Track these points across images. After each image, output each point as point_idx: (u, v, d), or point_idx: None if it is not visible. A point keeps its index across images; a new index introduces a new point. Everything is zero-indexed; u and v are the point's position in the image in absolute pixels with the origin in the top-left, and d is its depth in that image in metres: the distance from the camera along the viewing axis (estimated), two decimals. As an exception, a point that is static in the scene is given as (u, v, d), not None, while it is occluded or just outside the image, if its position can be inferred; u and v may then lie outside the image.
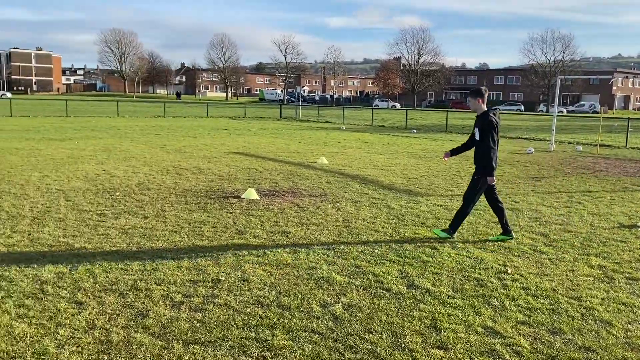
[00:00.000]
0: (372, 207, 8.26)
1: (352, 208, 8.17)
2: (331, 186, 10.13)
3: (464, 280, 5.03)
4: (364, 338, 3.78)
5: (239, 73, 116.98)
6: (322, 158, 14.13)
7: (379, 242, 6.29)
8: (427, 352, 3.60)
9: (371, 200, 8.81)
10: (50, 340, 3.59)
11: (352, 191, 9.64)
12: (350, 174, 11.84)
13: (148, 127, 25.54)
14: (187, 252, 5.66)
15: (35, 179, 9.77)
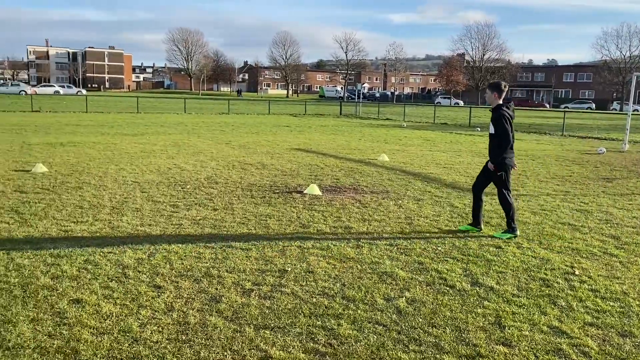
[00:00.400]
0: (434, 205, 8.25)
1: (414, 206, 8.19)
2: (393, 183, 10.18)
3: (529, 280, 4.98)
4: (428, 331, 3.86)
5: (299, 70, 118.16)
6: (383, 155, 14.17)
7: (442, 240, 6.30)
8: (491, 347, 3.63)
9: (434, 199, 8.79)
10: (134, 320, 3.90)
11: (414, 189, 9.65)
12: (412, 171, 11.82)
13: (213, 123, 26.38)
14: (254, 243, 5.91)
15: (112, 172, 10.40)
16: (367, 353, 3.52)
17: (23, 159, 11.81)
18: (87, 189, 8.59)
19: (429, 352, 3.56)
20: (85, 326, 3.76)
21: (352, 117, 38.09)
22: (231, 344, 3.59)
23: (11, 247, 5.44)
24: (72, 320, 3.84)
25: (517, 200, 8.85)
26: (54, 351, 3.40)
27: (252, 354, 3.46)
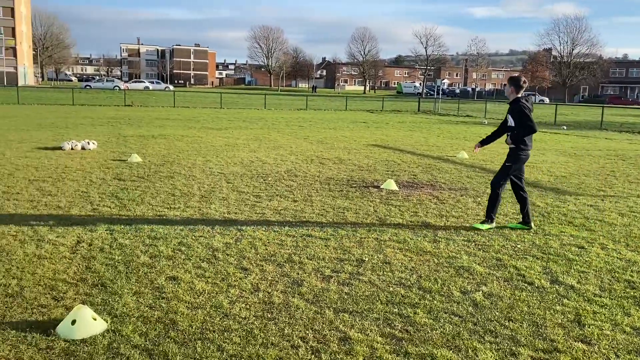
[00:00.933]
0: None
1: (493, 203, 8.08)
2: (472, 181, 10.07)
3: (613, 281, 4.85)
4: (504, 325, 3.90)
5: (377, 66, 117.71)
6: (463, 152, 13.98)
7: (521, 238, 6.23)
8: (570, 344, 3.62)
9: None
10: (224, 297, 4.23)
11: (493, 187, 9.49)
12: (493, 169, 11.60)
13: (292, 119, 26.99)
14: (332, 234, 6.13)
15: (200, 163, 11.03)
16: (442, 341, 3.63)
17: (119, 149, 12.76)
18: (178, 179, 9.19)
19: (505, 344, 3.61)
20: (181, 300, 4.13)
21: (430, 114, 37.55)
22: (313, 324, 3.82)
23: (113, 229, 6.00)
24: (170, 295, 4.23)
25: (603, 200, 8.50)
26: (155, 321, 3.78)
27: (332, 335, 3.67)
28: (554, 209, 7.77)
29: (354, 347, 3.49)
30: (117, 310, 3.93)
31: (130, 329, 3.63)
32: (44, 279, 4.46)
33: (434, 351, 3.48)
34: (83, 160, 10.85)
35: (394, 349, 3.50)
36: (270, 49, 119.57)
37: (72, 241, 5.50)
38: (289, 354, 3.39)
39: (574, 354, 3.50)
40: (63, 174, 9.30)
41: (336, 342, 3.57)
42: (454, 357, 3.42)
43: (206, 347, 3.43)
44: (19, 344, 3.38)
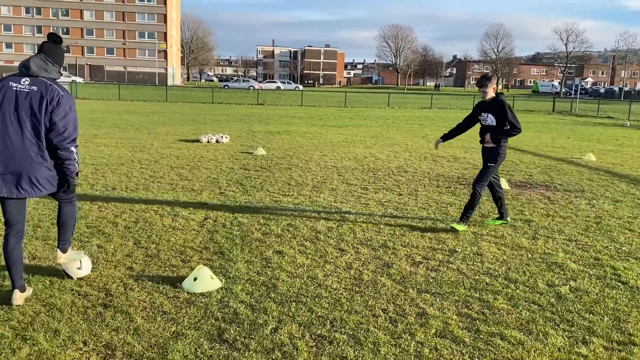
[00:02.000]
0: (634, 208, 7.73)
1: (610, 206, 7.78)
2: (592, 183, 9.65)
3: None
4: (583, 316, 3.99)
5: (512, 64, 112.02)
6: (590, 155, 13.25)
7: (628, 241, 6.03)
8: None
9: (636, 201, 8.19)
10: (320, 271, 4.78)
11: (616, 190, 9.05)
12: (620, 173, 10.95)
13: (414, 117, 27.07)
14: (431, 226, 6.42)
15: (316, 157, 11.79)
16: (515, 324, 3.84)
17: (248, 143, 13.99)
18: (295, 170, 9.99)
19: (579, 333, 3.73)
20: (283, 270, 4.76)
21: (565, 114, 35.30)
22: (395, 299, 4.23)
23: (235, 209, 6.85)
24: (274, 265, 4.88)
25: None
26: (260, 284, 4.44)
27: (411, 310, 4.04)
28: (679, 215, 7.29)
29: (429, 321, 3.84)
30: (231, 273, 4.65)
31: (239, 289, 4.32)
32: (176, 246, 5.36)
33: (504, 331, 3.71)
34: (216, 152, 12.13)
35: (466, 326, 3.79)
36: (398, 47, 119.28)
37: (201, 217, 6.42)
38: (369, 321, 3.83)
39: (650, 348, 3.52)
40: (198, 162, 10.55)
41: (413, 315, 3.94)
42: (523, 338, 3.63)
43: (299, 308, 4.00)
44: (154, 292, 4.21)
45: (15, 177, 3.73)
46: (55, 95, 3.75)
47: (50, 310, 3.84)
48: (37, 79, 3.78)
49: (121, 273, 4.58)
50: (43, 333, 3.50)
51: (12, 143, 3.70)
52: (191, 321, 3.74)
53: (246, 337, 3.54)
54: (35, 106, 3.71)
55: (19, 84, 3.75)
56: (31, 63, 3.79)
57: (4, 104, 3.71)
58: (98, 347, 3.37)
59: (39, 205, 6.62)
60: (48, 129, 3.76)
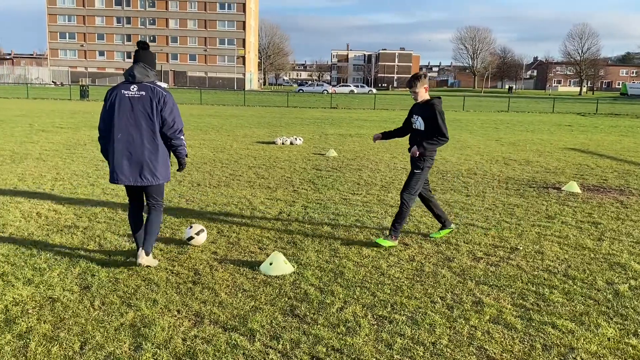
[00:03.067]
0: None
1: (687, 211, 7.58)
2: (672, 189, 9.34)
3: None
4: (639, 312, 4.11)
5: (597, 65, 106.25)
6: (675, 160, 12.69)
7: (702, 245, 5.94)
8: (703, 336, 3.72)
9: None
10: (384, 262, 5.16)
11: (697, 196, 8.73)
12: None
13: (489, 120, 26.64)
14: (495, 225, 6.61)
15: (386, 159, 12.12)
16: (568, 315, 4.04)
17: (320, 145, 14.54)
18: (365, 171, 10.39)
19: (632, 326, 3.87)
20: (350, 260, 5.19)
21: (654, 118, 33.28)
22: (453, 289, 4.53)
23: (307, 205, 7.36)
24: (342, 255, 5.32)
25: None
26: (328, 270, 4.89)
27: (468, 298, 4.34)
28: None
29: (484, 309, 4.13)
30: (302, 260, 5.14)
31: (310, 274, 4.79)
32: (254, 235, 5.92)
33: (556, 321, 3.93)
34: (290, 153, 12.76)
35: (519, 315, 4.04)
36: (475, 49, 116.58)
37: (276, 212, 6.98)
38: (427, 306, 4.17)
39: (703, 344, 3.62)
40: (274, 163, 11.20)
41: (469, 303, 4.24)
42: (574, 327, 3.83)
43: (363, 292, 4.40)
44: (235, 273, 4.77)
45: (138, 169, 4.53)
46: (161, 96, 4.49)
47: (149, 284, 4.48)
48: (142, 84, 4.51)
49: (207, 257, 5.19)
50: (144, 302, 4.12)
51: (134, 141, 4.47)
52: (267, 298, 4.25)
53: (315, 313, 4.00)
54: (147, 108, 4.46)
55: (129, 90, 4.49)
56: (135, 72, 4.50)
57: (121, 109, 4.46)
58: (189, 315, 3.94)
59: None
60: (161, 124, 4.52)
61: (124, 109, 4.45)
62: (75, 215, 6.57)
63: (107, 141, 4.59)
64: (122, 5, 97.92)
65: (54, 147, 12.68)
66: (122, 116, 4.45)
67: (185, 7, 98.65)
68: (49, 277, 4.56)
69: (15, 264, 4.85)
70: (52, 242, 5.51)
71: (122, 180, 4.54)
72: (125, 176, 4.52)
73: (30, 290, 4.28)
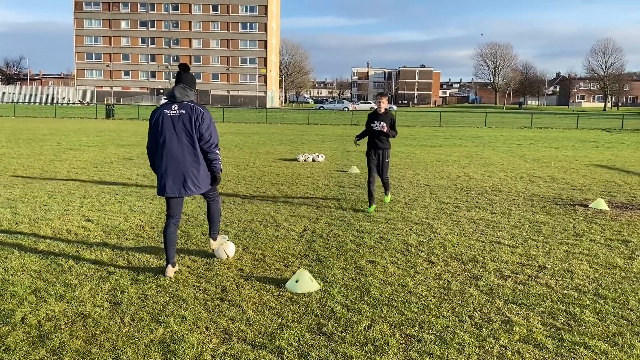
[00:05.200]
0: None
1: None
2: None
3: None
4: (674, 333, 4.01)
5: (622, 80, 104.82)
6: None
7: None
8: None
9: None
10: (410, 280, 5.13)
11: None
12: None
13: (512, 137, 26.41)
14: (522, 243, 6.53)
15: (409, 176, 12.09)
16: (601, 335, 3.96)
17: (342, 162, 14.58)
18: (388, 188, 10.37)
19: (667, 348, 3.78)
20: (375, 278, 5.17)
21: (683, 134, 32.61)
22: (481, 308, 4.48)
23: (331, 222, 7.37)
24: (367, 273, 5.30)
25: None
26: (354, 288, 4.88)
27: (497, 317, 4.28)
28: None
29: (513, 328, 4.07)
30: (328, 278, 5.14)
31: (336, 291, 4.78)
32: (279, 252, 5.95)
33: (589, 342, 3.85)
34: (313, 170, 12.82)
35: (550, 334, 3.98)
36: (497, 65, 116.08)
37: (300, 228, 7.01)
38: (455, 325, 4.13)
39: None
40: (297, 179, 11.26)
41: (498, 322, 4.19)
42: (607, 348, 3.76)
43: (390, 310, 4.38)
44: (261, 290, 4.80)
45: (181, 181, 4.96)
46: (199, 114, 4.94)
47: (177, 300, 4.53)
48: (182, 103, 4.96)
49: (233, 273, 5.23)
50: (173, 318, 4.17)
51: (177, 155, 4.92)
52: (294, 316, 4.25)
53: (342, 331, 3.99)
54: (187, 125, 4.91)
55: (170, 110, 4.95)
56: (176, 93, 4.95)
57: (164, 127, 4.93)
58: (217, 332, 3.97)
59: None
60: (198, 139, 4.95)
61: (167, 126, 4.90)
62: (104, 232, 6.69)
63: (155, 157, 5.04)
64: (147, 26, 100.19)
65: (82, 165, 12.96)
66: (165, 133, 4.89)
67: (209, 27, 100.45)
68: (80, 293, 4.64)
69: (47, 280, 4.96)
70: (82, 258, 5.61)
71: (168, 192, 4.95)
72: (171, 188, 4.95)
73: (62, 306, 4.37)
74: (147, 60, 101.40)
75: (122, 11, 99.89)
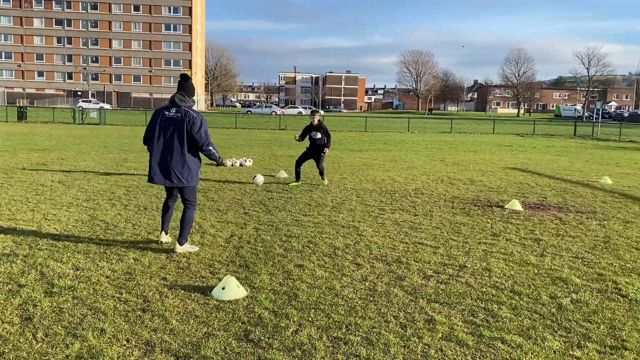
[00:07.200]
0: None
1: (619, 227, 8.03)
2: (605, 205, 9.88)
3: None
4: (581, 325, 4.30)
5: (533, 88, 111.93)
6: (606, 178, 13.44)
7: (634, 259, 6.30)
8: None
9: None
10: (337, 282, 5.18)
11: (628, 212, 9.27)
12: (634, 195, 11.14)
13: (433, 141, 27.42)
14: (443, 244, 6.78)
15: (336, 180, 12.23)
16: (517, 330, 4.17)
17: (270, 166, 14.51)
18: (315, 192, 10.44)
19: (575, 338, 4.04)
20: (303, 282, 5.17)
21: (587, 138, 35.26)
22: (406, 308, 4.59)
23: (258, 227, 7.31)
24: (295, 277, 5.29)
25: None
26: (282, 293, 4.85)
27: (420, 317, 4.41)
28: (687, 235, 7.50)
29: (436, 327, 4.20)
30: (255, 284, 5.08)
31: (263, 297, 4.74)
32: (205, 259, 5.82)
33: (505, 336, 4.05)
34: (240, 175, 12.67)
35: (470, 331, 4.14)
36: (419, 72, 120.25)
37: (227, 234, 6.89)
38: (381, 325, 4.21)
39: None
40: (224, 185, 11.08)
41: (422, 322, 4.31)
42: (522, 342, 3.96)
43: (317, 314, 4.39)
44: (186, 299, 4.66)
45: (168, 173, 5.80)
46: (191, 118, 5.76)
47: (96, 313, 4.30)
48: (179, 107, 5.81)
49: (156, 283, 5.05)
50: (91, 332, 3.95)
51: (166, 151, 5.77)
52: (220, 324, 4.16)
53: (270, 337, 3.95)
54: (179, 126, 5.74)
55: (169, 112, 5.81)
56: (175, 98, 5.81)
57: (160, 127, 5.79)
58: (139, 344, 3.80)
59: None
60: (191, 139, 5.77)
61: (163, 125, 5.78)
62: (14, 242, 6.25)
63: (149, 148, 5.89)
64: (62, 25, 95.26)
65: (-11, 171, 12.06)
66: (160, 131, 5.78)
67: (130, 27, 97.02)
68: (-14, 309, 4.30)
69: (-53, 296, 4.55)
70: (-12, 271, 5.21)
71: (155, 180, 5.83)
72: (159, 178, 5.83)
73: (-35, 324, 4.02)
74: (64, 60, 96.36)
75: (35, 8, 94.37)
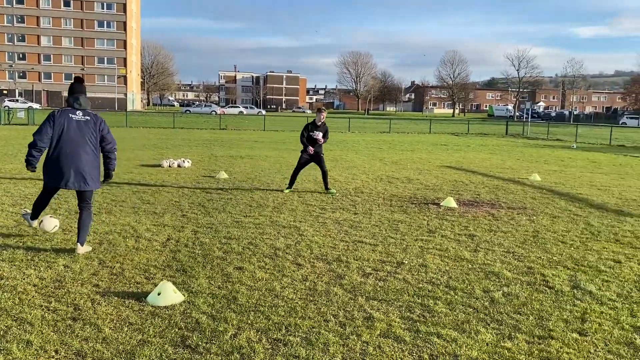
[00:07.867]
0: (569, 223, 8.41)
1: (547, 222, 8.44)
2: (534, 201, 10.35)
3: (634, 290, 5.21)
4: (512, 317, 4.48)
5: (467, 89, 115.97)
6: (535, 175, 14.10)
7: (560, 251, 6.64)
8: (565, 334, 4.15)
9: (571, 217, 8.89)
10: (277, 284, 5.15)
11: (555, 207, 9.76)
12: (561, 191, 11.75)
13: (373, 141, 27.85)
14: (382, 241, 6.89)
15: (278, 180, 12.18)
16: (452, 324, 4.29)
17: (210, 167, 14.27)
18: (257, 192, 10.35)
19: (506, 330, 4.21)
20: (243, 284, 5.11)
21: (518, 137, 36.91)
22: (345, 306, 4.63)
23: (197, 230, 7.16)
24: (235, 280, 5.22)
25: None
26: (221, 297, 4.77)
27: (359, 315, 4.45)
28: (607, 229, 7.99)
29: (374, 324, 4.26)
30: (193, 288, 4.97)
31: (201, 301, 4.64)
32: (140, 265, 5.63)
33: (441, 331, 4.16)
34: (178, 176, 12.38)
35: (408, 327, 4.23)
36: (358, 73, 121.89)
37: (163, 238, 6.71)
38: (320, 325, 4.22)
39: (565, 341, 4.03)
40: (160, 187, 10.78)
41: (361, 319, 4.35)
42: (457, 336, 4.08)
43: (257, 316, 4.35)
44: (120, 306, 4.49)
45: (82, 178, 5.69)
46: (100, 121, 5.83)
47: (22, 324, 4.07)
48: (85, 110, 5.78)
49: (88, 290, 4.84)
50: (16, 344, 3.73)
51: (80, 155, 5.64)
52: (156, 330, 4.04)
53: (208, 342, 3.87)
54: (91, 128, 5.72)
55: (75, 115, 5.70)
56: (81, 101, 5.74)
57: (70, 130, 5.62)
58: (69, 354, 3.63)
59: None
60: (101, 141, 5.81)
61: (73, 129, 5.62)
62: None
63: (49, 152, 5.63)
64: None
65: None
66: (71, 135, 5.60)
67: (60, 23, 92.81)
68: None
69: None
70: None
71: (70, 186, 5.66)
72: (73, 183, 5.65)
73: None
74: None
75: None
